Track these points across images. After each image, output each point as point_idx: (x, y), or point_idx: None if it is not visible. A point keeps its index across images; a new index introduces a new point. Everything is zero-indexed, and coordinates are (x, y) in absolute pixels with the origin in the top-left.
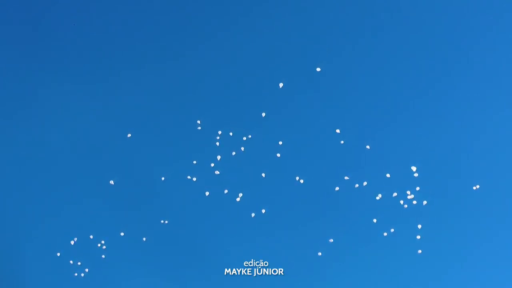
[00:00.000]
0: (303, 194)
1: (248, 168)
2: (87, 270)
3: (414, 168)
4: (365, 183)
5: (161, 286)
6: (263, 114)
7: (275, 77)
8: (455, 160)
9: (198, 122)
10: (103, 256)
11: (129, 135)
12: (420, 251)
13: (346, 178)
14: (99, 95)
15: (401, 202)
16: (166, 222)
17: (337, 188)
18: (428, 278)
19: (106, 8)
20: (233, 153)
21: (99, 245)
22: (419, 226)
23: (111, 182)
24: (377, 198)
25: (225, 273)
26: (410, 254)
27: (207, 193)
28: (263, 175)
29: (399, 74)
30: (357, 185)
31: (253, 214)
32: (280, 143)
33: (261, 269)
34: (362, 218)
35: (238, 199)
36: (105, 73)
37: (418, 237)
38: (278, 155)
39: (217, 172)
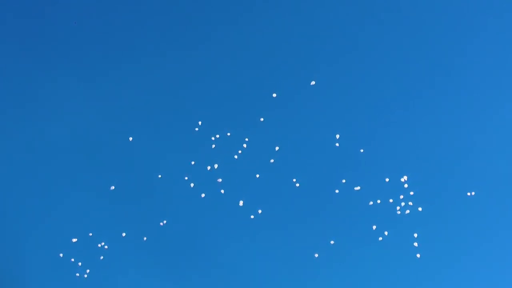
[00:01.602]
0: (301, 195)
1: (249, 170)
2: (88, 271)
3: (404, 178)
4: (358, 188)
5: (162, 286)
6: (261, 119)
7: (274, 80)
8: (452, 165)
9: (199, 123)
10: (101, 258)
11: (131, 138)
12: (418, 255)
13: (343, 181)
14: (100, 96)
15: (397, 208)
16: (165, 222)
17: (337, 191)
18: (424, 281)
19: (108, 8)
20: (235, 157)
21: (99, 245)
22: (415, 235)
23: (112, 187)
24: (370, 203)
25: (225, 273)
26: (406, 258)
27: (202, 195)
28: (257, 176)
29: (397, 77)
30: (357, 188)
31: (252, 216)
32: (277, 148)
33: (261, 268)
34: (358, 221)
35: (241, 203)
36: (104, 74)
37: (416, 244)
38: (272, 160)
39: (219, 180)
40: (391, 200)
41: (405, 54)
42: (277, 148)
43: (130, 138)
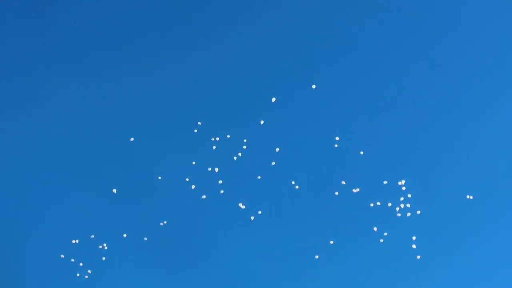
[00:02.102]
0: (301, 197)
1: (249, 171)
2: (89, 271)
3: (402, 182)
4: (356, 190)
5: (162, 286)
6: (262, 122)
7: (274, 82)
8: (451, 168)
9: (199, 123)
10: (104, 258)
11: (132, 139)
12: (418, 257)
13: (343, 183)
14: (100, 96)
15: (397, 209)
16: (165, 222)
17: (336, 193)
18: (424, 282)
19: (108, 8)
20: (235, 158)
21: (100, 246)
22: (414, 238)
23: (114, 190)
24: (371, 205)
25: (225, 273)
26: (404, 259)
27: (203, 196)
28: (259, 177)
29: (396, 79)
30: (356, 190)
31: (252, 217)
32: (277, 150)
33: (261, 268)
34: (357, 223)
35: (242, 206)
36: (104, 74)
37: (414, 246)
38: (273, 163)
39: (220, 182)
40: (389, 204)
41: (405, 56)
42: (277, 150)
43: (132, 139)
